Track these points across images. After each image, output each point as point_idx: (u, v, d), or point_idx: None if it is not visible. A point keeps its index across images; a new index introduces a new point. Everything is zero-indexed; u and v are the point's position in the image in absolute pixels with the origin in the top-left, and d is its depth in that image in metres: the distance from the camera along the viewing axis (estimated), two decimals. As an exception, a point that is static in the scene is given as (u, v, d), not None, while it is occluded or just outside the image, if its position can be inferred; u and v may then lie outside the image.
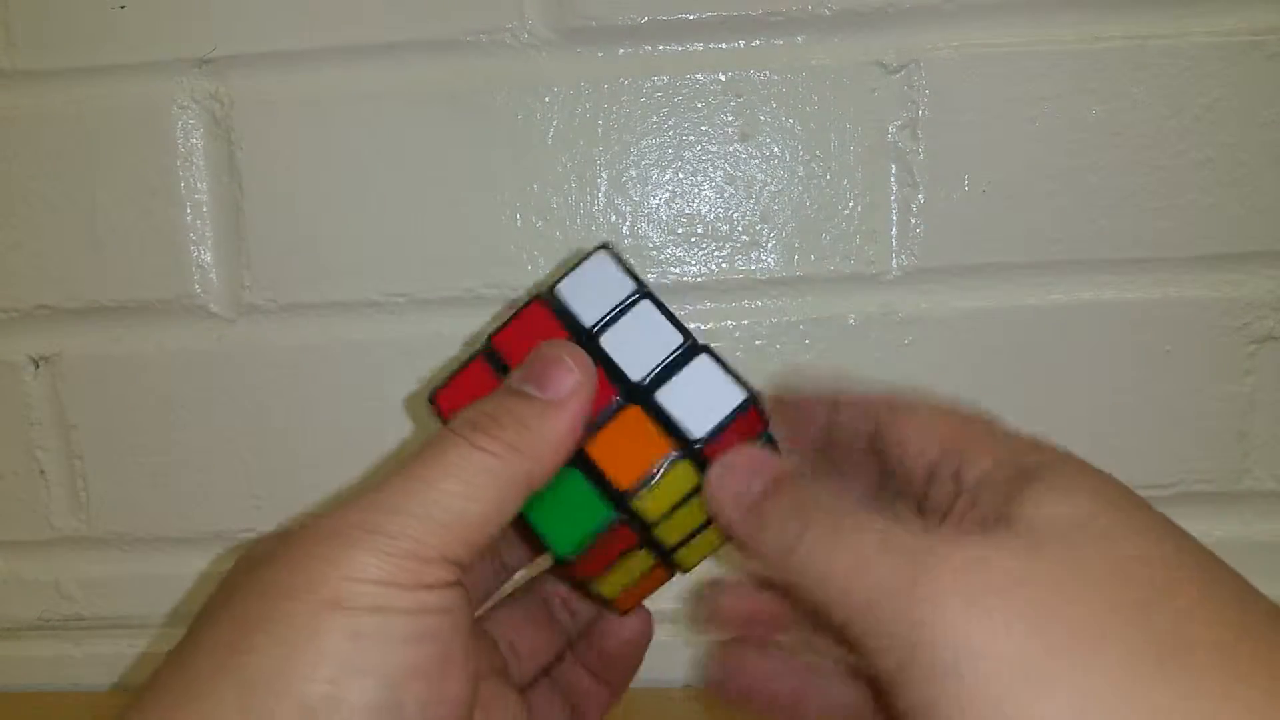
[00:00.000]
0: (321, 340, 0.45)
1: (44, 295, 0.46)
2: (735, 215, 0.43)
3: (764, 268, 0.44)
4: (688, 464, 0.26)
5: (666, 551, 0.29)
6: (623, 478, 0.26)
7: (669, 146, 0.43)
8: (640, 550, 0.28)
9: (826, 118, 0.42)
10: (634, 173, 0.43)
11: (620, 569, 0.28)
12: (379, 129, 0.43)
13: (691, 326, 0.43)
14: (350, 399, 0.45)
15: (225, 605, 0.23)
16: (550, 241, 0.44)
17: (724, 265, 0.44)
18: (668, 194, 0.43)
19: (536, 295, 0.28)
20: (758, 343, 0.44)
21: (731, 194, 0.43)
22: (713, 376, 0.27)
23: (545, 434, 0.25)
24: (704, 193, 0.43)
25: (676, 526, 0.28)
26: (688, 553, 0.29)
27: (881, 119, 0.42)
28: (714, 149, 0.43)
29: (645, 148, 0.43)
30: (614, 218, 0.44)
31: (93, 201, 0.45)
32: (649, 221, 0.44)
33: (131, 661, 0.49)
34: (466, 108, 0.43)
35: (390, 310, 0.45)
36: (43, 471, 0.47)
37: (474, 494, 0.24)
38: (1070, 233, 0.42)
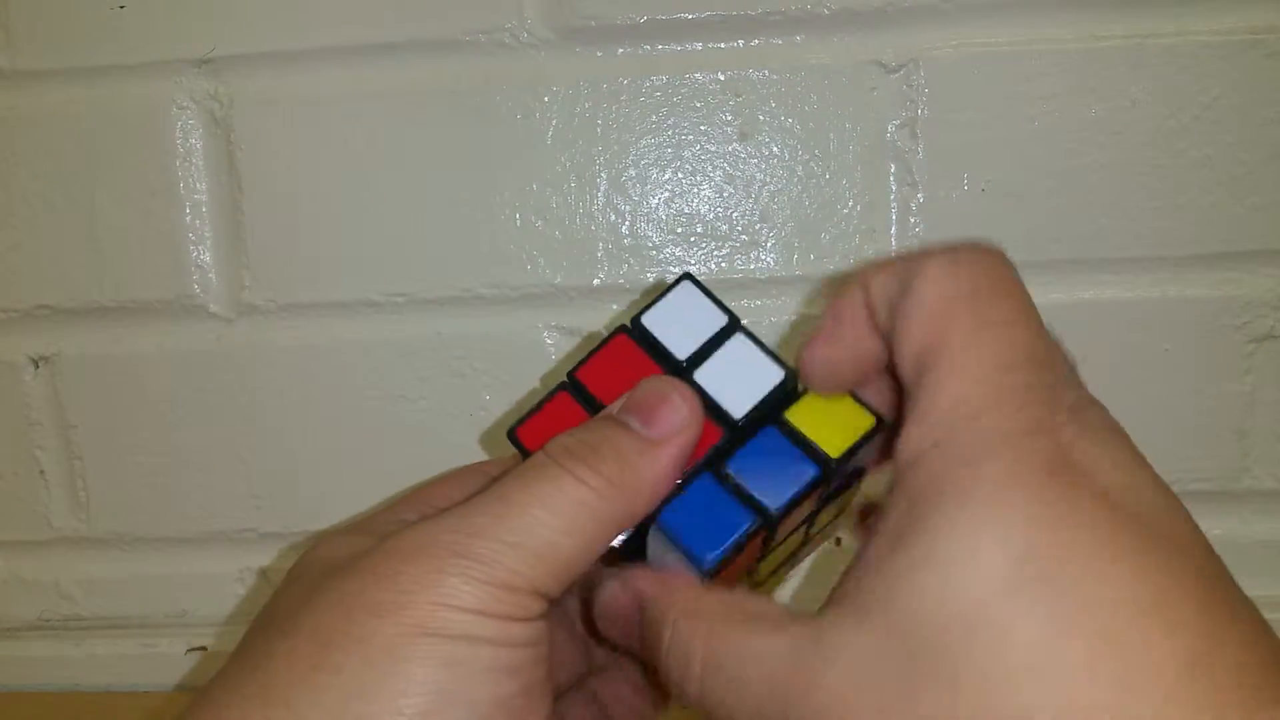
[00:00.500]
0: (321, 340, 0.45)
1: (44, 295, 0.46)
2: (734, 215, 0.43)
3: (763, 267, 0.44)
4: (823, 485, 0.25)
5: (759, 583, 0.28)
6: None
7: (668, 146, 0.43)
8: (746, 578, 0.27)
9: (825, 117, 0.42)
10: (633, 172, 0.43)
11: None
12: (379, 129, 0.43)
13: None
14: (350, 399, 0.45)
15: (302, 612, 0.22)
16: (550, 241, 0.44)
17: (723, 264, 0.44)
18: (667, 193, 0.43)
19: (621, 328, 0.27)
20: (757, 342, 0.44)
21: (731, 193, 0.43)
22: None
23: (646, 473, 0.24)
24: (703, 192, 0.43)
25: (774, 558, 0.27)
26: (768, 585, 0.29)
27: (881, 118, 0.42)
28: (713, 148, 0.43)
29: (644, 147, 0.43)
30: (613, 217, 0.44)
31: (93, 201, 0.45)
32: (648, 221, 0.44)
33: (131, 662, 0.49)
34: (466, 108, 0.43)
35: (390, 310, 0.45)
36: (43, 471, 0.47)
37: (569, 528, 0.23)
38: (1070, 232, 0.42)
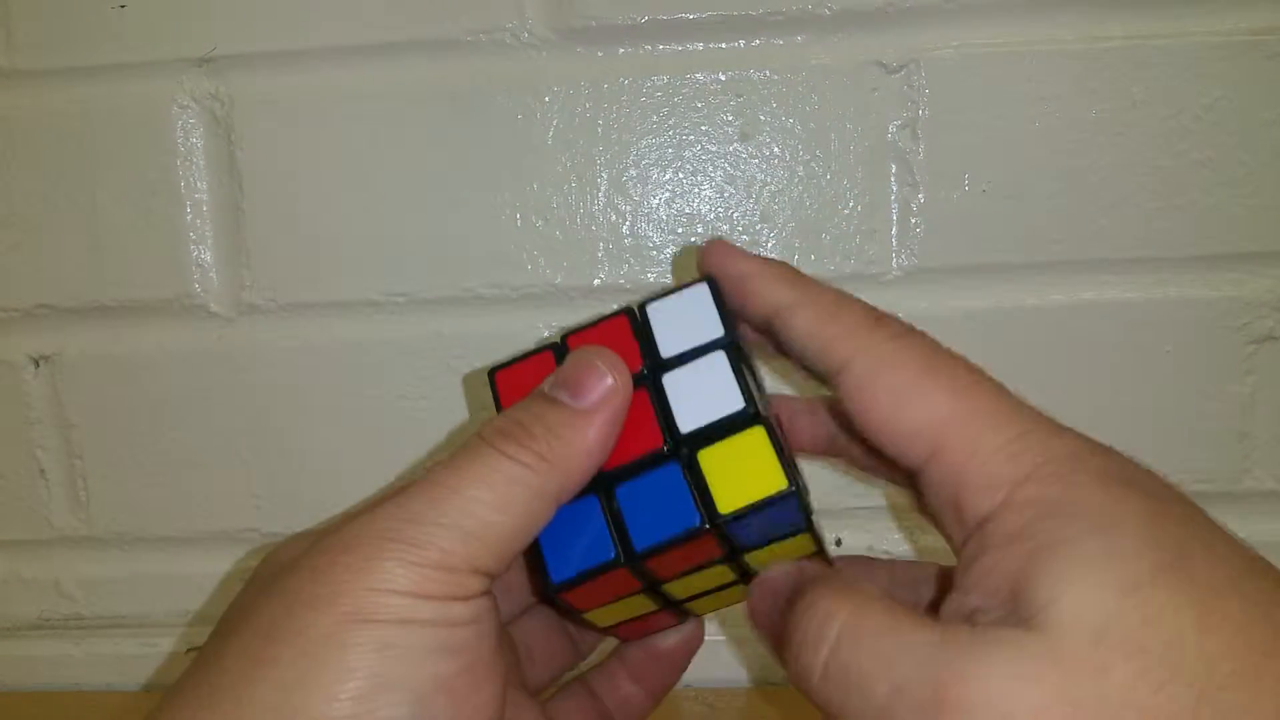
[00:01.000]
0: (321, 340, 0.45)
1: (44, 295, 0.46)
2: (735, 215, 0.43)
3: (764, 267, 0.43)
4: (711, 536, 0.25)
5: (676, 601, 0.28)
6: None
7: (669, 146, 0.43)
8: (641, 595, 0.27)
9: (826, 117, 0.42)
10: (634, 172, 0.43)
11: (617, 606, 0.27)
12: (379, 129, 0.43)
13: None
14: (350, 399, 0.45)
15: (250, 611, 0.23)
16: (550, 241, 0.44)
17: (724, 265, 0.44)
18: (668, 194, 0.43)
19: (626, 308, 0.27)
20: (758, 343, 0.44)
21: (731, 194, 0.43)
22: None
23: (576, 443, 0.24)
24: (704, 192, 0.43)
25: (690, 585, 0.27)
26: (701, 604, 0.28)
27: (882, 119, 0.42)
28: (714, 149, 0.43)
29: (645, 147, 0.43)
30: (614, 217, 0.44)
31: (93, 201, 0.45)
32: (649, 221, 0.44)
33: (131, 661, 0.49)
34: (466, 108, 0.43)
35: (390, 310, 0.45)
36: (43, 471, 0.47)
37: (503, 504, 0.23)
38: (1070, 233, 0.42)
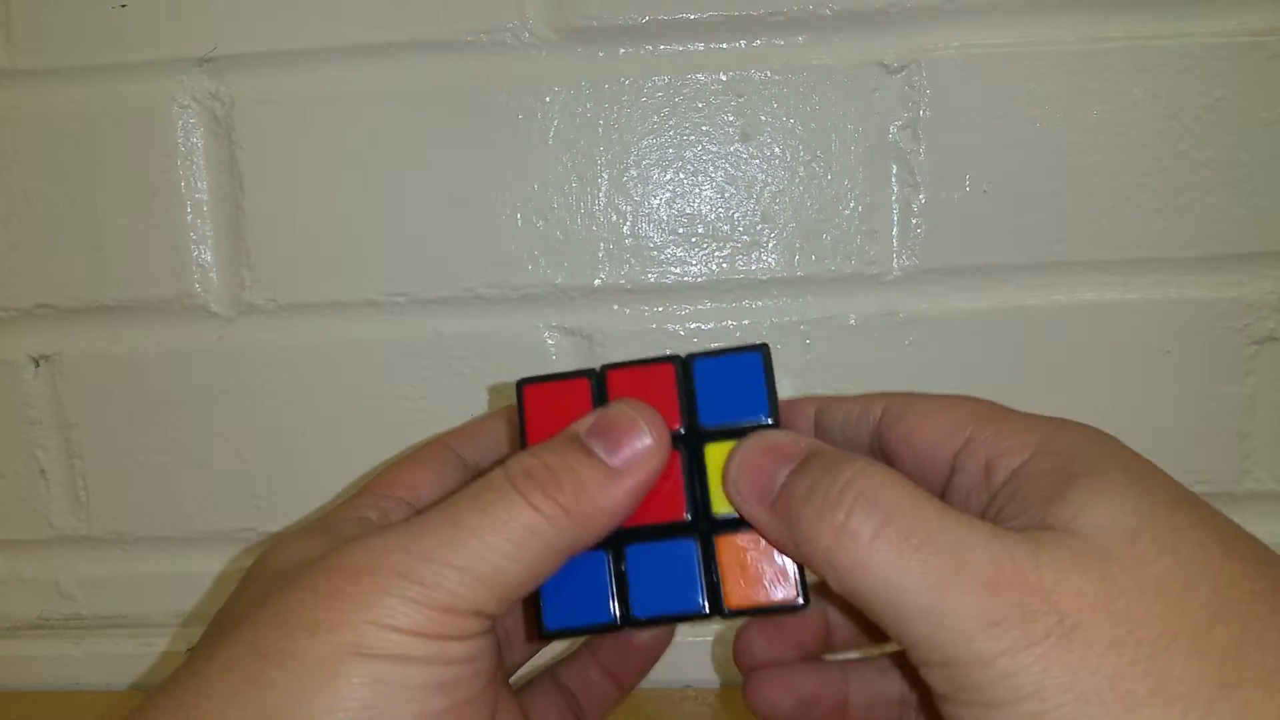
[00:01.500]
0: (321, 340, 0.45)
1: (44, 295, 0.46)
2: (736, 215, 0.43)
3: (765, 268, 0.43)
4: (709, 619, 0.25)
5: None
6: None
7: (670, 146, 0.43)
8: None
9: (827, 118, 0.42)
10: (635, 172, 0.43)
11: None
12: (379, 129, 0.43)
13: (691, 327, 0.44)
14: (350, 399, 0.45)
15: (244, 621, 0.23)
16: (550, 241, 0.44)
17: (725, 265, 0.44)
18: (668, 194, 0.43)
19: (674, 356, 0.26)
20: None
21: (732, 194, 0.43)
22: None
23: (603, 503, 0.23)
24: (705, 193, 0.43)
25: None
26: None
27: (882, 119, 0.42)
28: (715, 149, 0.43)
29: (646, 147, 0.43)
30: (614, 217, 0.44)
31: (93, 201, 0.45)
32: (649, 221, 0.44)
33: (131, 661, 0.49)
34: (466, 108, 0.43)
35: (390, 310, 0.45)
36: (43, 471, 0.47)
37: (518, 554, 0.23)
38: (1070, 233, 0.42)
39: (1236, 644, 0.19)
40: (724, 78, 0.42)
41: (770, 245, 0.43)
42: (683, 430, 0.25)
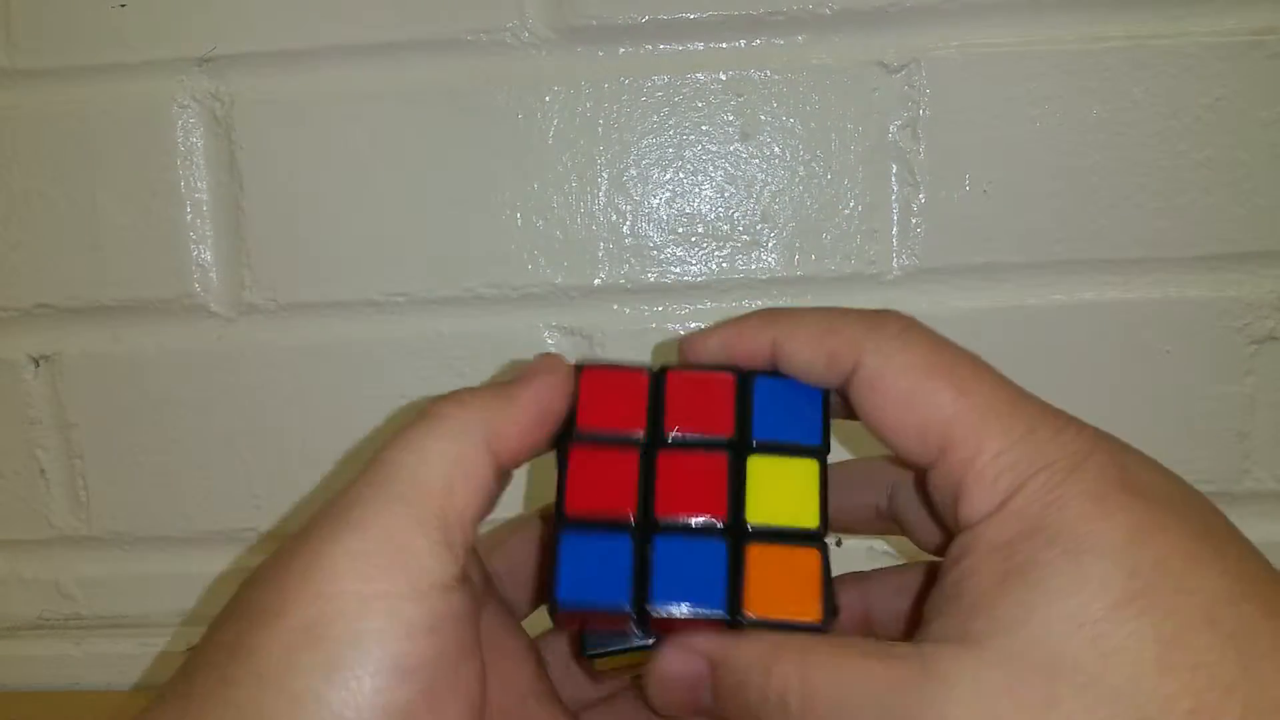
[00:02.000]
0: (321, 340, 0.45)
1: (44, 295, 0.46)
2: (736, 215, 0.43)
3: (764, 267, 0.43)
4: (726, 626, 0.24)
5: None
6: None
7: (669, 146, 0.43)
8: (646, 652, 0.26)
9: (827, 117, 0.42)
10: (634, 172, 0.43)
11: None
12: (379, 129, 0.43)
13: (691, 326, 0.44)
14: (350, 399, 0.45)
15: (223, 621, 0.22)
16: (550, 241, 0.44)
17: (724, 265, 0.44)
18: (668, 193, 0.43)
19: (736, 367, 0.26)
20: (758, 342, 0.44)
21: (732, 193, 0.43)
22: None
23: (511, 396, 0.24)
24: (704, 192, 0.43)
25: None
26: None
27: (882, 118, 0.42)
28: (714, 148, 0.43)
29: (646, 147, 0.43)
30: (614, 217, 0.44)
31: (93, 201, 0.45)
32: (649, 221, 0.44)
33: (131, 661, 0.49)
34: (466, 107, 0.43)
35: (390, 310, 0.45)
36: (43, 471, 0.47)
37: (430, 459, 0.22)
38: (1070, 233, 0.42)
39: None
40: (724, 77, 0.42)
41: (770, 245, 0.43)
42: (734, 439, 0.25)
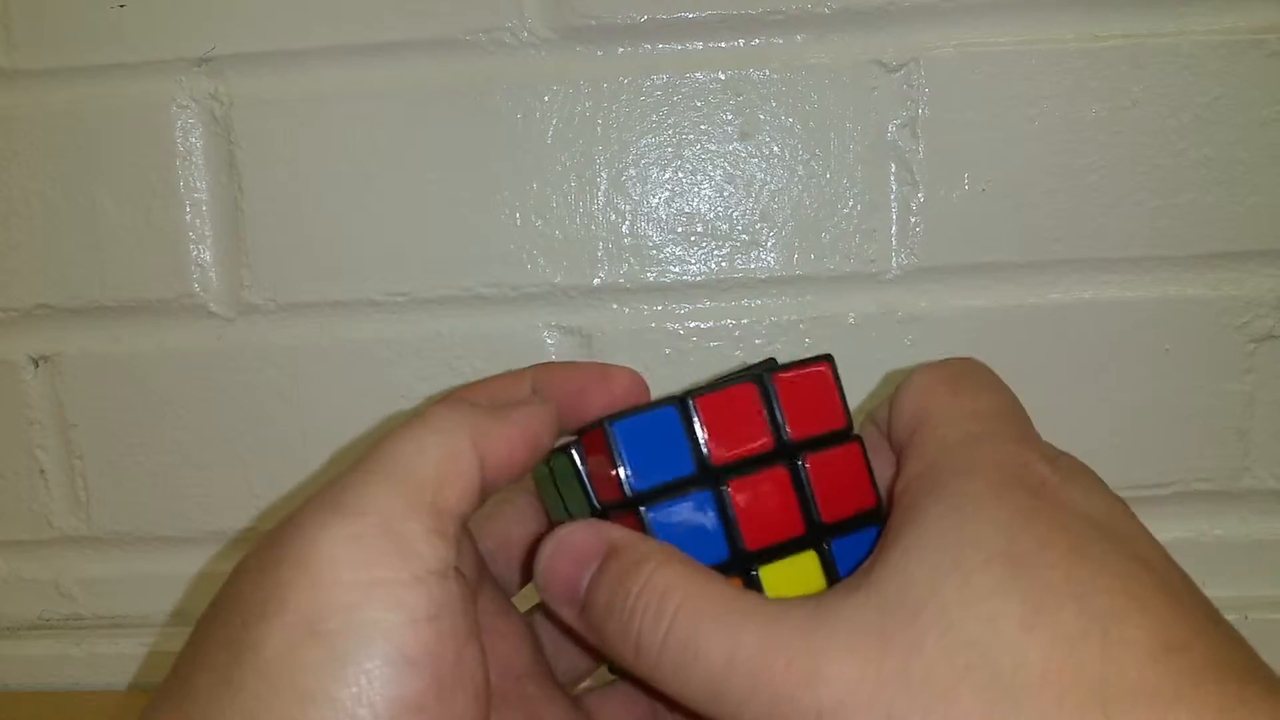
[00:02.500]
0: (321, 340, 0.45)
1: (44, 295, 0.46)
2: (735, 214, 0.43)
3: (764, 267, 0.44)
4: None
5: None
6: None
7: (668, 145, 0.43)
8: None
9: (826, 117, 0.42)
10: (633, 172, 0.43)
11: None
12: (379, 129, 0.43)
13: (690, 326, 0.44)
14: (350, 399, 0.45)
15: (216, 614, 0.21)
16: (550, 241, 0.44)
17: (724, 264, 0.44)
18: (667, 193, 0.43)
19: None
20: (757, 342, 0.44)
21: (731, 193, 0.43)
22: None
23: (502, 415, 0.23)
24: (704, 192, 0.43)
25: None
26: None
27: (881, 118, 0.42)
28: (713, 148, 0.43)
29: (645, 147, 0.43)
30: (613, 217, 0.44)
31: (93, 201, 0.45)
32: (649, 220, 0.44)
33: (131, 661, 0.49)
34: (466, 107, 0.43)
35: (390, 310, 0.45)
36: (43, 471, 0.47)
37: (425, 449, 0.21)
38: (1070, 232, 0.42)
39: None
40: (722, 77, 0.42)
41: (769, 244, 0.43)
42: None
